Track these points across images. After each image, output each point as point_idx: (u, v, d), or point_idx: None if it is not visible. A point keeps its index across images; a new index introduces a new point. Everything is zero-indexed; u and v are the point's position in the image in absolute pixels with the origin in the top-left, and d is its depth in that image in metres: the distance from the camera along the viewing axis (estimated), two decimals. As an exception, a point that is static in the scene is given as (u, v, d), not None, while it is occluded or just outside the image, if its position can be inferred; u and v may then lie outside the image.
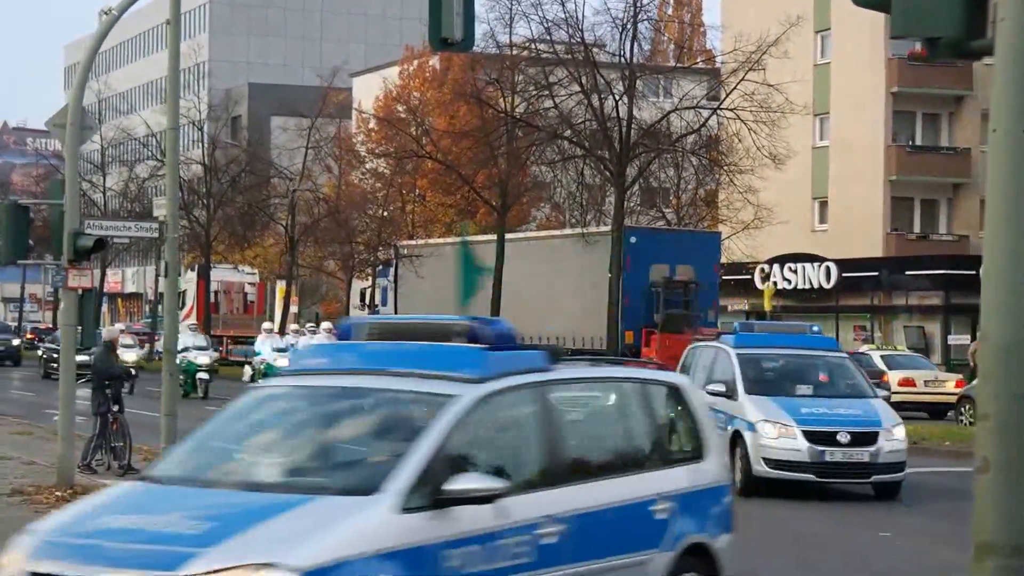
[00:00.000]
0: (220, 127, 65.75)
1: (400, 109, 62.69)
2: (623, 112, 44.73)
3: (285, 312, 61.66)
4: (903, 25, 8.13)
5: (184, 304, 59.13)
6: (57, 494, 18.32)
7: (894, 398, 31.79)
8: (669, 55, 55.03)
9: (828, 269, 56.54)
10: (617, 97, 44.90)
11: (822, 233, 60.73)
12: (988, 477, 7.89)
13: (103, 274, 71.95)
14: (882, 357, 40.31)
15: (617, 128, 44.72)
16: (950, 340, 54.75)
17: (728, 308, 56.79)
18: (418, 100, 63.88)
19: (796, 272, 58.15)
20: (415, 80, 67.57)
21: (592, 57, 45.21)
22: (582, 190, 54.51)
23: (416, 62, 68.29)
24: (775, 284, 54.20)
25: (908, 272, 55.49)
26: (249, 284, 68.85)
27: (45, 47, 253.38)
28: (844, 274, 55.97)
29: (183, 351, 42.50)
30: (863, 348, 43.76)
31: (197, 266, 60.77)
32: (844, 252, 56.85)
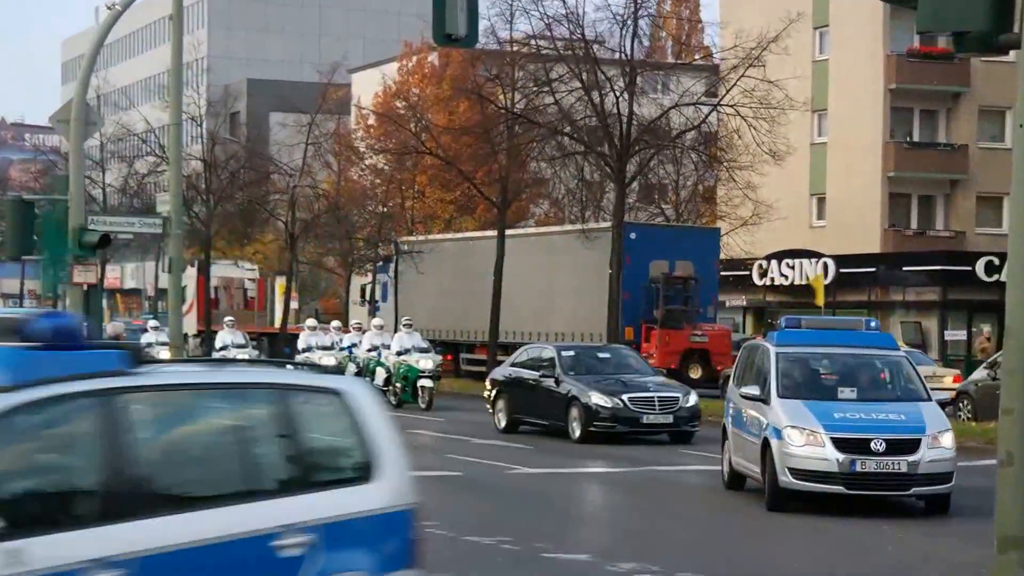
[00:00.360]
0: (219, 123, 65.57)
1: (399, 105, 62.64)
2: (623, 108, 44.65)
3: (286, 308, 61.60)
4: (931, 20, 8.05)
5: (184, 300, 58.83)
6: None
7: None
8: (668, 52, 54.97)
9: (826, 265, 56.56)
10: (617, 93, 44.82)
11: (819, 229, 60.75)
12: (1012, 471, 7.87)
13: (103, 270, 71.78)
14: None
15: (617, 124, 44.66)
16: (947, 335, 54.84)
17: (726, 304, 56.85)
18: (417, 96, 63.82)
19: (793, 268, 58.16)
20: (414, 76, 67.56)
21: (592, 53, 45.12)
22: (582, 186, 54.51)
23: (415, 58, 68.24)
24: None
25: (905, 268, 55.54)
26: (249, 280, 68.84)
27: (41, 43, 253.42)
28: (841, 270, 55.98)
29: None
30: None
31: (197, 262, 60.61)
32: (841, 248, 56.87)
